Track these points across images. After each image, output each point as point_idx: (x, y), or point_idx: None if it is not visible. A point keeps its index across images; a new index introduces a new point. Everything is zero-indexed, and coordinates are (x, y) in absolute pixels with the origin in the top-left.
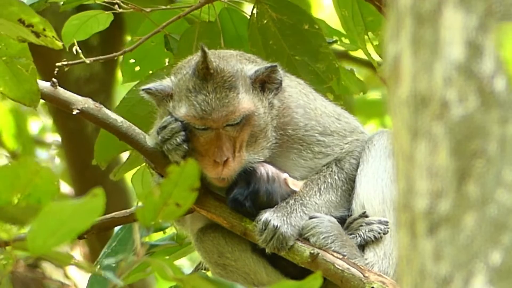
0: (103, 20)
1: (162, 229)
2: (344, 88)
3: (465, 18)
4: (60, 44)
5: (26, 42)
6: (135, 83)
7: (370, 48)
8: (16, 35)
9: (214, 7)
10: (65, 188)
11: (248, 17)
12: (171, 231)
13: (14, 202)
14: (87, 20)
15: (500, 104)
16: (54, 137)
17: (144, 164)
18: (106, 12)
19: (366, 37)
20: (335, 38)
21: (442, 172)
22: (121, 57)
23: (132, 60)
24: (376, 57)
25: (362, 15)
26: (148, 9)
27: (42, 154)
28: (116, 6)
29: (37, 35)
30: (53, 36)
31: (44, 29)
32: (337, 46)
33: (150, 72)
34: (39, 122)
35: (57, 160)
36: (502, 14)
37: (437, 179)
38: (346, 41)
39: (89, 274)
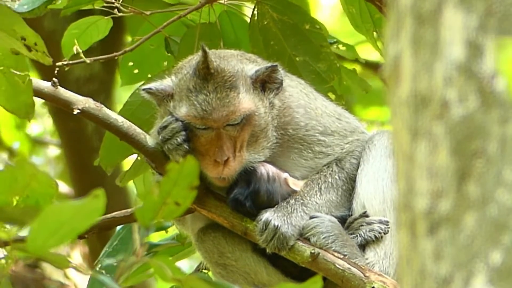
0: (102, 27)
1: (164, 228)
2: (346, 87)
3: (465, 18)
4: (50, 60)
5: (20, 54)
6: (137, 85)
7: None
8: (10, 47)
9: (213, 10)
10: (65, 188)
11: (248, 20)
12: (173, 230)
13: (13, 204)
14: (87, 28)
15: (500, 104)
16: (53, 139)
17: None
18: (106, 18)
19: (374, 33)
20: (335, 41)
21: (442, 172)
22: (121, 57)
23: (130, 63)
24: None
25: (370, 12)
26: (148, 12)
27: (40, 157)
28: (116, 10)
29: (29, 48)
30: (43, 52)
31: (35, 44)
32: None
33: (149, 75)
34: (40, 125)
35: (56, 161)
36: (502, 14)
37: (437, 179)
38: (343, 48)
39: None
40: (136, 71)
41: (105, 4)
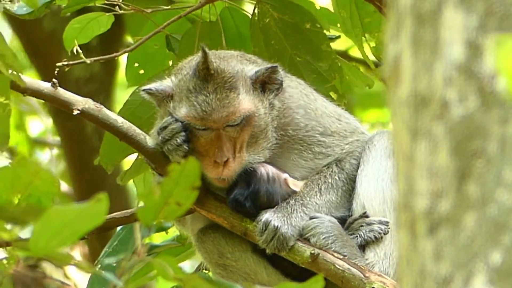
0: (103, 22)
1: (164, 229)
2: (347, 86)
3: (465, 18)
4: (24, 83)
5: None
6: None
7: (367, 49)
8: None
9: (215, 7)
10: (65, 187)
11: (250, 16)
12: (174, 232)
13: (15, 202)
14: (88, 23)
15: (500, 104)
16: (54, 138)
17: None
18: (107, 14)
19: (363, 38)
20: (338, 26)
21: (442, 172)
22: (121, 57)
23: (136, 64)
24: (373, 58)
25: (360, 16)
26: (148, 10)
27: (43, 155)
28: (117, 7)
29: (7, 67)
30: (18, 73)
31: (12, 65)
32: (337, 46)
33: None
34: (41, 124)
35: (57, 160)
36: (502, 14)
37: (437, 179)
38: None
39: (89, 275)
40: (142, 71)
41: (106, 2)
